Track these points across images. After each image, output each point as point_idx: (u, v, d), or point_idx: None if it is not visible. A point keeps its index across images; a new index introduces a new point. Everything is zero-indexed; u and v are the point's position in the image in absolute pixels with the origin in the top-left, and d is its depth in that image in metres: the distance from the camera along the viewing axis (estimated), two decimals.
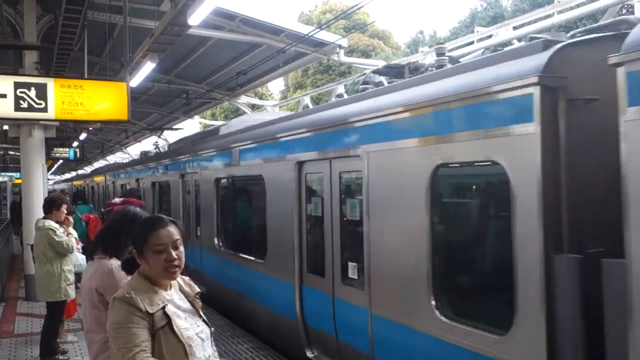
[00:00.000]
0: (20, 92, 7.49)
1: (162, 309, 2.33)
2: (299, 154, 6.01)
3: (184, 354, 2.30)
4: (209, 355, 2.45)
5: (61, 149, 20.24)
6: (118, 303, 2.28)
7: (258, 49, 13.24)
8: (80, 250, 6.86)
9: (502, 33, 8.91)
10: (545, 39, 3.54)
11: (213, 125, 20.91)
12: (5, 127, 13.53)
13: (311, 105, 14.73)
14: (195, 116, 23.09)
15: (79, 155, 21.14)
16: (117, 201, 4.16)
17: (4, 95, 7.42)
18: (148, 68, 10.04)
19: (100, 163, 36.76)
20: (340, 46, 12.25)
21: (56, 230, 6.37)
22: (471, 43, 9.42)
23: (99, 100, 7.94)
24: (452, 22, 54.64)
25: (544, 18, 8.61)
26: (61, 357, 6.58)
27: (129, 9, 9.04)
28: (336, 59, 12.61)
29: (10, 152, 29.53)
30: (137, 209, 3.27)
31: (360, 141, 4.87)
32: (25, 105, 7.53)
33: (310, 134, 5.84)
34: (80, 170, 40.83)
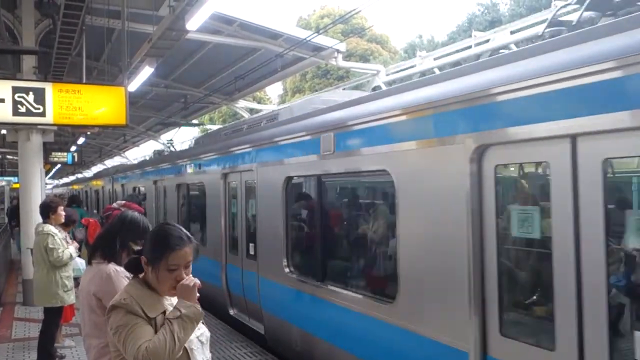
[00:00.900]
0: (19, 97, 7.50)
1: (163, 313, 2.34)
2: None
3: (185, 357, 2.32)
4: (207, 359, 2.48)
5: (59, 154, 20.25)
6: (116, 309, 2.29)
7: (256, 53, 13.29)
8: (79, 252, 6.82)
9: (500, 37, 8.94)
10: None
11: (210, 129, 20.87)
12: (3, 132, 13.51)
13: None
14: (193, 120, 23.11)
15: (77, 159, 21.16)
16: (116, 205, 4.15)
17: (2, 100, 7.42)
18: (146, 73, 10.04)
19: (99, 167, 36.64)
20: (338, 50, 12.30)
21: (55, 236, 6.30)
22: (469, 47, 9.46)
23: (97, 104, 7.94)
24: (450, 27, 54.79)
25: (541, 22, 8.64)
26: None
27: (127, 14, 9.04)
28: (334, 63, 12.66)
29: (8, 157, 29.54)
30: (135, 213, 3.27)
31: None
32: (23, 109, 7.53)
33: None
34: (81, 174, 40.55)
